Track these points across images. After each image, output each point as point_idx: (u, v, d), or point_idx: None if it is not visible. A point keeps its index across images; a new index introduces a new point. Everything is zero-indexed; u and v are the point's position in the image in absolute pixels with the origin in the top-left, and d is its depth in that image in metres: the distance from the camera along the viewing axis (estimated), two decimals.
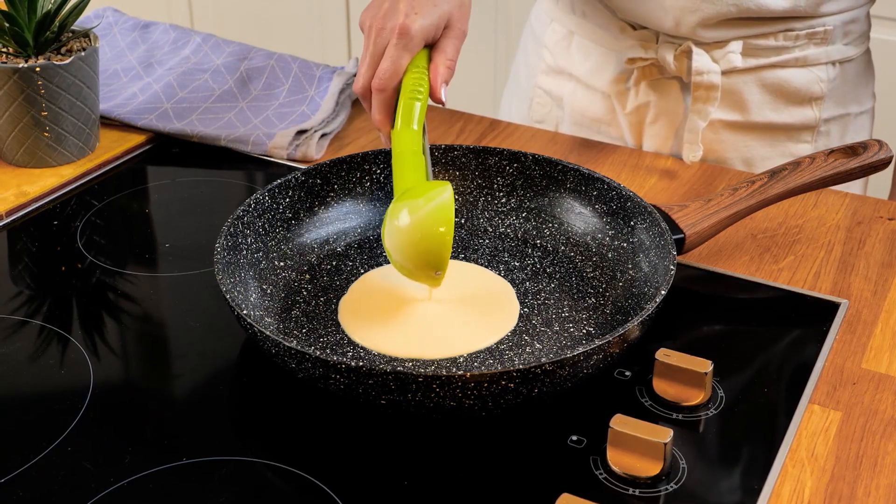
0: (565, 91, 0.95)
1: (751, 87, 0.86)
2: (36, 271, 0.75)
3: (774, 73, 0.86)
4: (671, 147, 0.90)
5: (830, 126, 0.89)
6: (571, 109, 0.94)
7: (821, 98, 0.87)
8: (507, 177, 0.76)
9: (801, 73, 0.86)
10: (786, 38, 0.84)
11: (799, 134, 0.89)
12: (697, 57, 0.84)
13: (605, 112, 0.92)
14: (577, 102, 0.94)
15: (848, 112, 0.90)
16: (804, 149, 0.89)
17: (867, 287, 0.72)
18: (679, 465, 0.56)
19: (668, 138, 0.90)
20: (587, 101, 0.93)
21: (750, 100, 0.87)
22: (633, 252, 0.69)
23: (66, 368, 0.64)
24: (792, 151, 0.89)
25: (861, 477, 0.57)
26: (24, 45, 0.82)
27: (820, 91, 0.87)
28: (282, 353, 0.58)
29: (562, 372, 0.56)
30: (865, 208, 0.81)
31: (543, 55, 0.96)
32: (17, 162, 0.85)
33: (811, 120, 0.88)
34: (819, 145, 0.90)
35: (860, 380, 0.63)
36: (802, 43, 0.85)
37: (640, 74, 0.88)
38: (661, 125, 0.90)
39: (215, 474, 0.56)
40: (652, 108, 0.89)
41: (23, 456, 0.57)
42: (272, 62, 0.98)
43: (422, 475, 0.56)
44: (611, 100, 0.92)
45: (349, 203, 0.76)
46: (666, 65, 0.85)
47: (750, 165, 0.90)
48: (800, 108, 0.87)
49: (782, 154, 0.90)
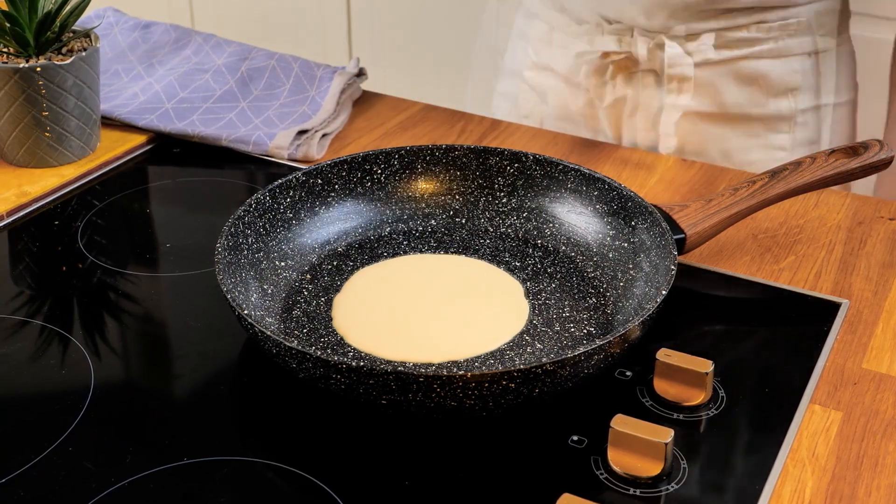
0: (549, 86, 0.95)
1: (726, 78, 0.87)
2: (37, 271, 0.75)
3: (749, 65, 0.86)
4: (649, 139, 0.91)
5: (808, 117, 0.90)
6: (554, 104, 0.95)
7: (797, 89, 0.87)
8: (507, 177, 0.76)
9: (775, 65, 0.87)
10: (759, 30, 0.85)
11: (776, 125, 0.89)
12: (670, 49, 0.85)
13: (585, 106, 0.93)
14: (560, 97, 0.95)
15: (826, 103, 0.90)
16: (782, 139, 0.90)
17: (868, 287, 0.72)
18: (680, 466, 0.56)
19: (645, 131, 0.91)
20: (568, 95, 0.94)
21: (725, 91, 0.87)
22: (633, 252, 0.69)
23: (66, 368, 0.64)
24: (770, 143, 0.90)
25: (862, 477, 0.57)
26: (25, 45, 0.82)
27: (795, 82, 0.87)
28: (283, 353, 0.58)
29: (563, 372, 0.56)
30: (866, 208, 0.81)
31: (528, 51, 0.97)
32: (17, 162, 0.85)
33: (788, 111, 0.88)
34: (797, 136, 0.90)
35: (861, 380, 0.63)
36: (776, 34, 0.85)
37: (615, 68, 0.89)
38: (638, 118, 0.90)
39: (216, 474, 0.56)
40: (629, 102, 0.90)
41: (24, 456, 0.57)
42: (273, 62, 0.98)
43: (422, 475, 0.56)
44: (590, 94, 0.92)
45: (350, 203, 0.76)
46: (639, 58, 0.86)
47: (728, 157, 0.91)
48: (776, 100, 0.88)
49: (760, 145, 0.90)
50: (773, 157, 0.91)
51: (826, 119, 0.91)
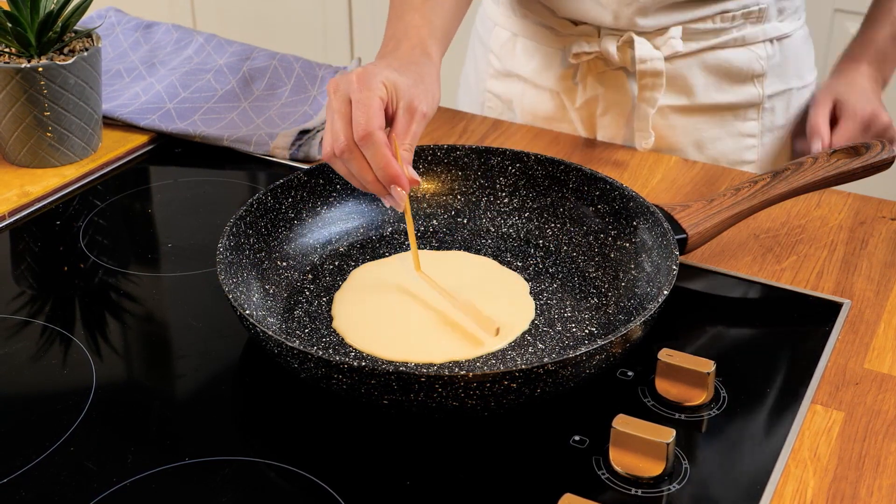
0: (514, 93, 0.96)
1: (694, 70, 0.88)
2: (38, 271, 0.75)
3: (715, 55, 0.88)
4: (623, 137, 0.92)
5: (775, 102, 0.92)
6: (522, 110, 0.96)
7: (762, 75, 0.89)
8: (509, 177, 0.76)
9: (740, 53, 0.88)
10: (723, 20, 0.87)
11: (745, 112, 0.91)
12: (639, 45, 0.86)
13: (554, 109, 0.93)
14: (527, 103, 0.95)
15: (790, 87, 0.92)
16: (751, 126, 0.91)
17: (870, 287, 0.72)
18: (681, 466, 0.56)
19: (620, 128, 0.91)
20: (536, 100, 0.94)
21: (694, 83, 0.89)
22: (635, 252, 0.69)
23: (68, 368, 0.64)
24: (740, 130, 0.92)
25: (864, 477, 0.56)
26: (27, 46, 0.82)
27: (761, 68, 0.89)
28: (284, 353, 0.57)
29: (564, 372, 0.56)
30: (868, 208, 0.81)
31: (490, 60, 0.98)
32: (19, 162, 0.85)
33: (755, 97, 0.90)
34: (765, 122, 0.92)
35: (863, 380, 0.63)
36: (739, 23, 0.87)
37: (585, 69, 0.90)
38: (611, 116, 0.91)
39: (218, 474, 0.56)
40: (601, 101, 0.91)
41: (25, 456, 0.57)
42: (274, 62, 0.98)
43: (424, 475, 0.56)
44: (560, 97, 0.93)
45: (352, 203, 0.76)
46: (609, 56, 0.87)
47: (701, 148, 0.92)
48: (743, 87, 0.90)
49: (731, 133, 0.92)
50: (744, 145, 0.92)
51: (792, 103, 0.93)
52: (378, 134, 0.63)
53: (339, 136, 0.63)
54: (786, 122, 0.93)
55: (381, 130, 0.63)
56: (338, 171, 0.66)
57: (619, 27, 0.86)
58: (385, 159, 0.63)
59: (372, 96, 0.63)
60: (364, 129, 0.62)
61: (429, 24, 0.73)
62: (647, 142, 0.88)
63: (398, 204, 0.65)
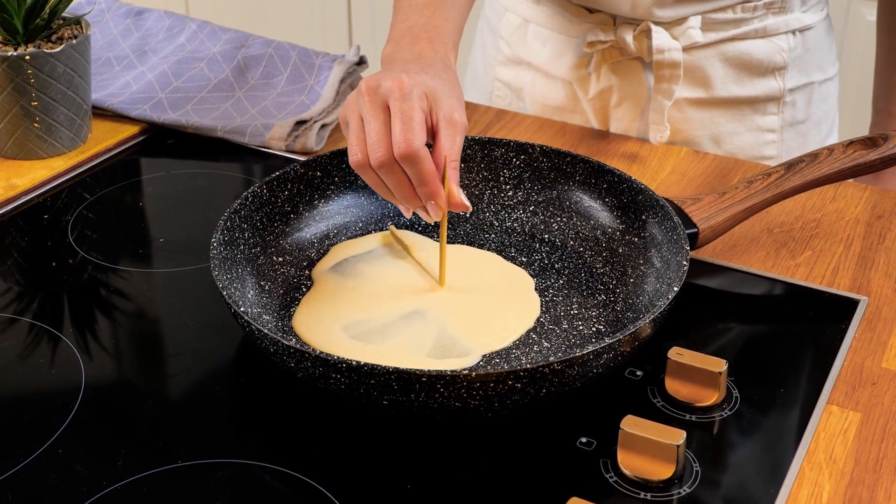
0: (524, 81, 0.95)
1: (713, 61, 0.87)
2: (26, 267, 0.74)
3: (735, 46, 0.87)
4: (638, 129, 0.91)
5: (796, 96, 0.90)
6: (532, 100, 0.95)
7: (783, 68, 0.88)
8: (513, 169, 0.75)
9: (761, 45, 0.87)
10: (744, 10, 0.85)
11: (765, 106, 0.89)
12: (657, 35, 0.84)
13: (566, 99, 0.92)
14: (538, 92, 0.94)
15: (812, 81, 0.91)
16: (771, 121, 0.90)
17: (888, 283, 0.71)
18: (692, 468, 0.56)
19: (634, 120, 0.90)
20: (547, 89, 0.93)
21: (713, 75, 0.87)
22: (644, 247, 0.68)
23: (56, 367, 0.63)
24: (759, 124, 0.90)
25: (881, 480, 0.56)
26: (14, 33, 0.81)
27: (782, 61, 0.87)
28: (280, 351, 0.57)
29: (571, 371, 0.55)
30: (886, 202, 0.80)
31: (500, 46, 0.96)
32: (6, 154, 0.84)
33: (776, 91, 0.89)
34: (786, 116, 0.90)
35: (880, 380, 0.63)
36: (761, 13, 0.86)
37: (600, 58, 0.88)
38: (625, 108, 0.90)
39: (211, 477, 0.55)
40: (615, 92, 0.89)
41: (12, 458, 0.56)
42: (270, 50, 0.97)
43: (425, 479, 0.55)
44: (572, 87, 0.92)
45: (350, 196, 0.74)
46: (626, 46, 0.86)
47: (719, 142, 0.91)
48: (763, 80, 0.88)
49: (749, 128, 0.90)
50: (763, 140, 0.91)
51: (813, 97, 0.92)
52: (423, 152, 0.61)
53: (376, 149, 0.61)
54: (807, 116, 0.92)
55: (424, 147, 0.61)
56: (367, 180, 0.63)
57: (636, 16, 0.85)
58: (430, 176, 0.61)
59: (414, 107, 0.61)
60: (407, 145, 0.60)
61: (448, 23, 0.71)
62: (663, 135, 0.87)
63: (430, 217, 0.63)
